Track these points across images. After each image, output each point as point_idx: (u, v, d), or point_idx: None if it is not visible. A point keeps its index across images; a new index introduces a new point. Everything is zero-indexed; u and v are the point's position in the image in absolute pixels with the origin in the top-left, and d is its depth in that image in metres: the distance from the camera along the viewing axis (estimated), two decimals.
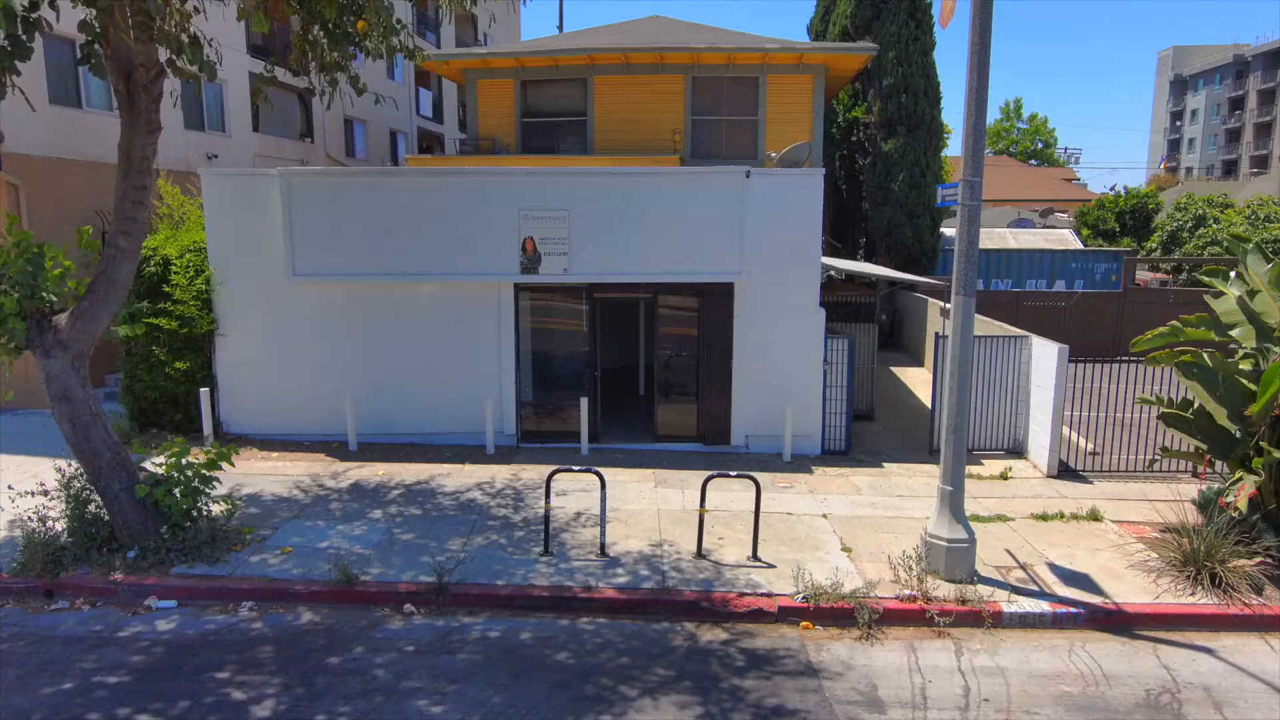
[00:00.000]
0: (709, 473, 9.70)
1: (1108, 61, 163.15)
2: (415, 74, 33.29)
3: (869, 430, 14.87)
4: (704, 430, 13.46)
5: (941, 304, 19.31)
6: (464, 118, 35.83)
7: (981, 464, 12.90)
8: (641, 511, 10.65)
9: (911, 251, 23.05)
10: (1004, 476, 12.43)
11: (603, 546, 9.29)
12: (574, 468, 9.73)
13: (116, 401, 13.91)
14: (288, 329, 13.13)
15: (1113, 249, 29.20)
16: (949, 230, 27.31)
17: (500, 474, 12.04)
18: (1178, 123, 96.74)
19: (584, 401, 12.94)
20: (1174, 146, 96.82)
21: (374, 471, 12.05)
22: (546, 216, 12.66)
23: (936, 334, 13.39)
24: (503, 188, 12.77)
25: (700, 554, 9.33)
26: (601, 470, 9.49)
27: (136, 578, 8.47)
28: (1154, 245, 34.20)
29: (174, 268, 12.71)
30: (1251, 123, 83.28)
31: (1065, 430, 12.99)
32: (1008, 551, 9.71)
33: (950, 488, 8.94)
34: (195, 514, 9.13)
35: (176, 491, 8.94)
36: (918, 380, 19.43)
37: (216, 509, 9.53)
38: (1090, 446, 13.54)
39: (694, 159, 19.32)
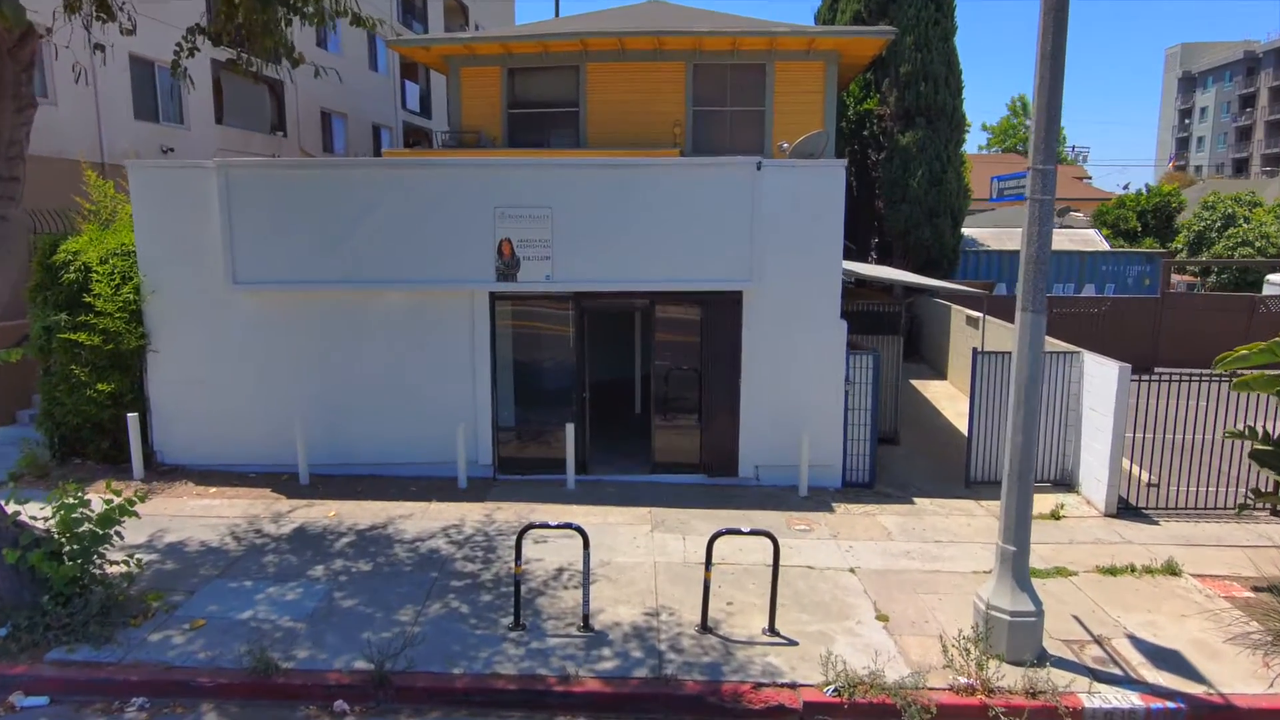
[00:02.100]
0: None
1: (1115, 59, 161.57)
2: (401, 65, 31.58)
3: (894, 456, 13.18)
4: (708, 459, 11.77)
5: (968, 312, 17.62)
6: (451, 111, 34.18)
7: None
8: (635, 566, 8.96)
9: (931, 253, 21.32)
10: (1055, 516, 10.74)
11: (586, 618, 7.60)
12: (550, 523, 8.02)
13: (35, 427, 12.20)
14: (230, 344, 11.43)
15: (1146, 250, 27.47)
16: (969, 230, 25.66)
17: (471, 515, 10.34)
18: (1186, 120, 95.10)
19: (570, 428, 11.24)
20: (1183, 144, 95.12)
21: (324, 512, 10.36)
22: (526, 215, 10.99)
23: (975, 350, 11.70)
24: (476, 182, 11.09)
25: (705, 627, 7.63)
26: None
27: (3, 665, 6.80)
28: (1179, 245, 32.49)
29: (95, 275, 10.99)
30: (1263, 120, 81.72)
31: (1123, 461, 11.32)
32: (1076, 619, 8.03)
33: (1014, 548, 7.27)
34: (87, 580, 7.43)
35: (64, 554, 7.28)
36: (942, 396, 17.73)
37: (116, 570, 7.83)
38: (1148, 477, 11.84)
39: (695, 154, 17.59)
